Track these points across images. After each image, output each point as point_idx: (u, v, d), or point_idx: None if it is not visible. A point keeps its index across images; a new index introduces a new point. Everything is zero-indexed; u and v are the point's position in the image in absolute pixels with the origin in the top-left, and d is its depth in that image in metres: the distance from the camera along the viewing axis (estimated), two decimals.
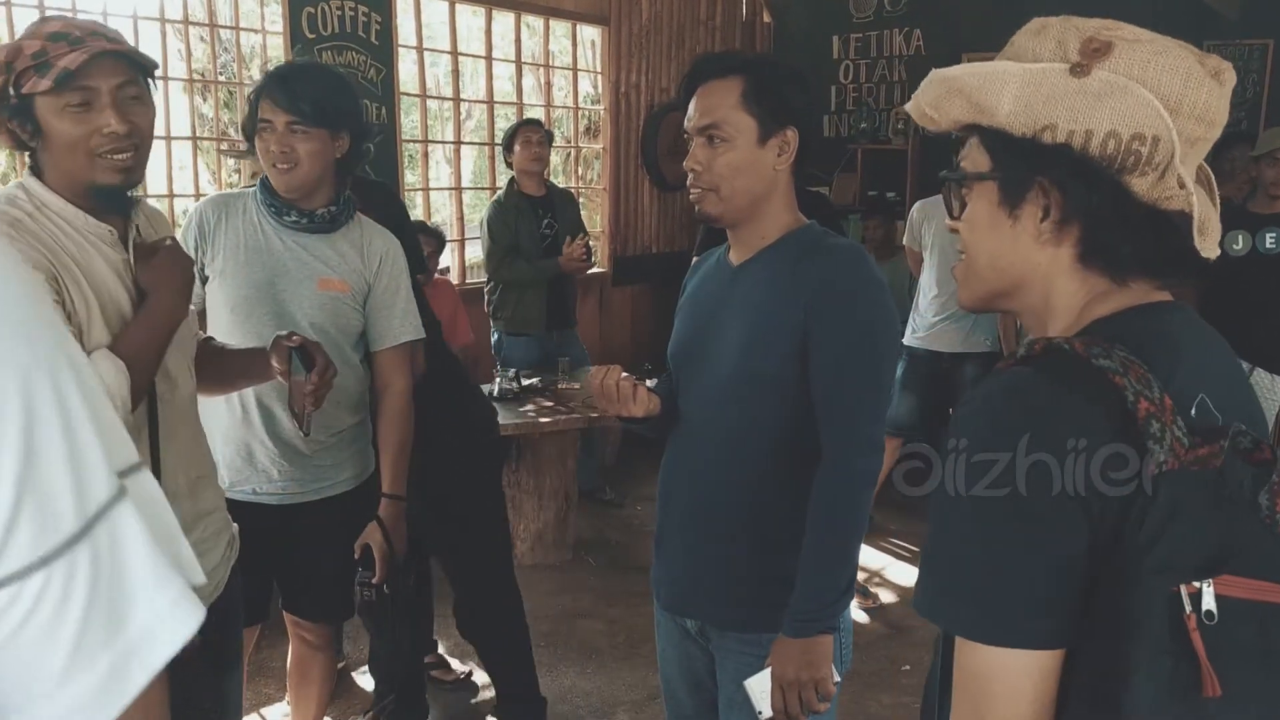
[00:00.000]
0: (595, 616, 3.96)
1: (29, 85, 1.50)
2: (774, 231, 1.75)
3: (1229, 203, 4.57)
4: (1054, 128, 0.93)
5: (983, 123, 0.97)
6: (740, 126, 1.69)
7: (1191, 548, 0.79)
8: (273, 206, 2.25)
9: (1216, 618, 0.76)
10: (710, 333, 1.79)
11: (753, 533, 1.74)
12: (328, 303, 2.27)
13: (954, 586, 0.89)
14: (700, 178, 1.72)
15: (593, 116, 6.44)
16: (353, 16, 4.59)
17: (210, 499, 1.85)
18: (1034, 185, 0.96)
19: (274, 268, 2.24)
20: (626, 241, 6.34)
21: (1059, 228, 0.96)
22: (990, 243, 1.01)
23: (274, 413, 2.26)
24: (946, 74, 1.00)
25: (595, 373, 1.74)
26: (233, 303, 2.23)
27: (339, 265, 2.29)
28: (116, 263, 1.63)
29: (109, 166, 1.56)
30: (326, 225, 2.28)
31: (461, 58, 5.41)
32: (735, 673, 1.77)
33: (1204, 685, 0.76)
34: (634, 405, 1.74)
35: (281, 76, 2.22)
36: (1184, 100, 0.92)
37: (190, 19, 4.21)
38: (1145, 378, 0.86)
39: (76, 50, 1.50)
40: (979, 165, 1.00)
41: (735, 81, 1.70)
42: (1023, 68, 0.96)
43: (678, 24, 6.45)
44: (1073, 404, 0.86)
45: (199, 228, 2.27)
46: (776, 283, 1.71)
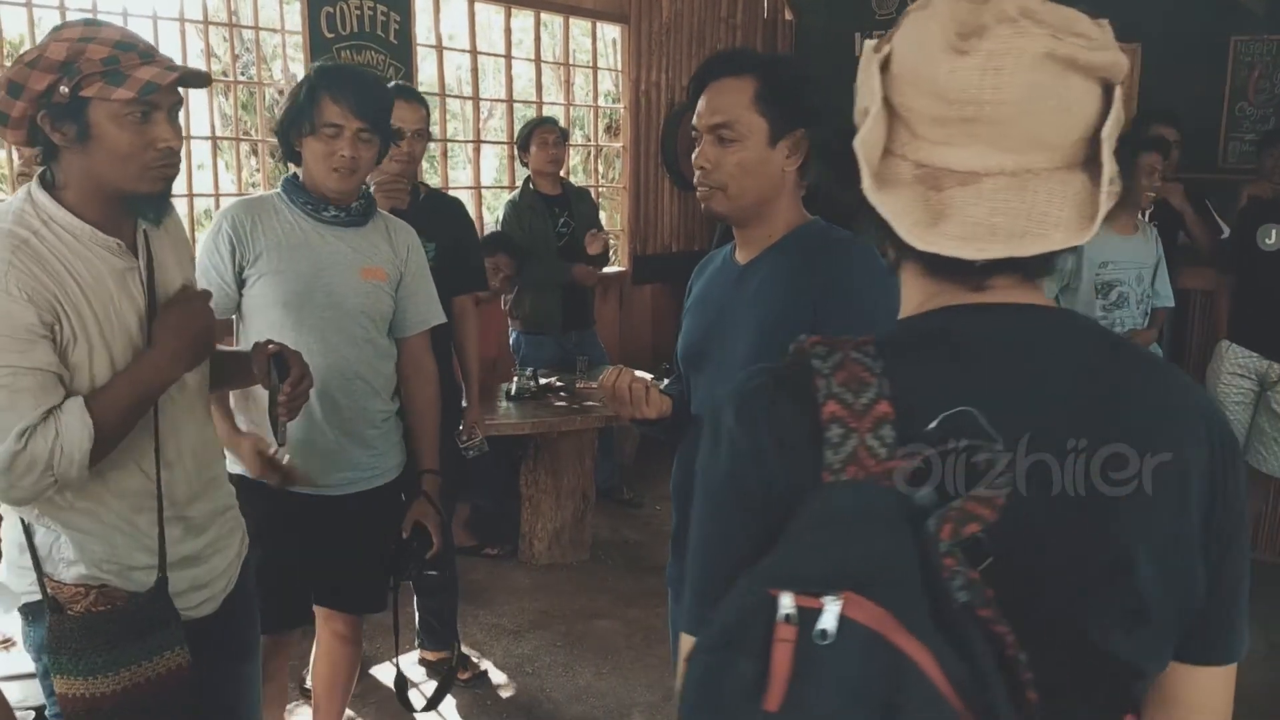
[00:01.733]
0: (612, 617, 3.95)
1: (94, 89, 1.54)
2: (779, 229, 1.75)
3: (1259, 199, 4.51)
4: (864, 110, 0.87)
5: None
6: (752, 126, 1.69)
7: (819, 560, 0.73)
8: (309, 204, 2.33)
9: (832, 637, 0.68)
10: (719, 332, 1.78)
11: None
12: (371, 291, 2.38)
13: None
14: (709, 175, 1.71)
15: (613, 115, 6.43)
16: (371, 16, 4.60)
17: (223, 497, 1.89)
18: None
19: (319, 261, 2.32)
20: (646, 240, 6.32)
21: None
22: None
23: (337, 403, 2.35)
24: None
25: (608, 375, 1.75)
26: (285, 298, 2.29)
27: (375, 255, 2.39)
28: (122, 272, 1.66)
29: (156, 177, 1.63)
30: (360, 219, 2.39)
31: (481, 56, 5.41)
32: None
33: (769, 696, 0.68)
34: (647, 408, 1.73)
35: (350, 81, 2.28)
36: (917, 74, 0.83)
37: (210, 19, 4.23)
38: (860, 381, 0.81)
39: (152, 66, 1.57)
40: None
41: (748, 81, 1.69)
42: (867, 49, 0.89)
43: (698, 22, 6.42)
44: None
45: (233, 233, 2.29)
46: (784, 280, 1.69)
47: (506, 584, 4.22)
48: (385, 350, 2.44)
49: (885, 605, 0.69)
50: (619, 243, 6.19)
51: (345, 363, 2.35)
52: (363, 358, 2.38)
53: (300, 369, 1.90)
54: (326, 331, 2.31)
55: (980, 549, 0.74)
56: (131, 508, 1.70)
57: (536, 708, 3.31)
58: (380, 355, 2.43)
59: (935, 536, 0.73)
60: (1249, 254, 3.96)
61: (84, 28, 1.60)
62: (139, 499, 1.71)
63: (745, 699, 0.69)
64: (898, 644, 0.67)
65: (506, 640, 3.74)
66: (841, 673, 0.67)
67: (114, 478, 1.68)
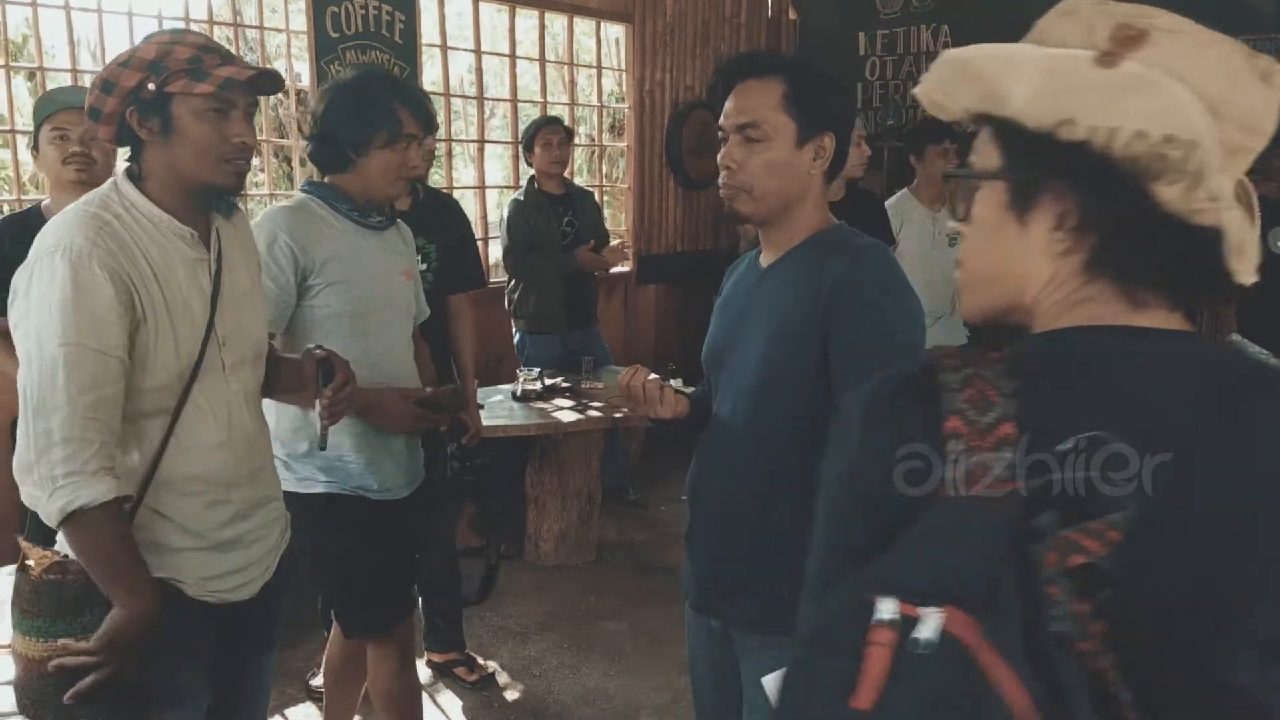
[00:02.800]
0: (619, 618, 3.94)
1: (179, 85, 1.66)
2: (801, 233, 1.74)
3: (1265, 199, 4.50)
4: (1072, 123, 0.81)
5: (995, 112, 0.86)
6: (779, 127, 1.68)
7: (925, 571, 0.72)
8: (355, 210, 2.34)
9: (929, 647, 0.67)
10: (738, 335, 1.78)
11: (778, 533, 1.72)
12: (410, 291, 2.46)
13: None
14: (734, 176, 1.70)
15: (617, 114, 6.42)
16: (376, 15, 4.59)
17: (266, 487, 1.95)
18: (1047, 188, 0.85)
19: (374, 268, 2.35)
20: (651, 240, 6.31)
21: (1075, 237, 0.84)
22: (995, 250, 0.89)
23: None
24: (959, 55, 0.88)
25: (624, 374, 1.75)
26: (351, 308, 2.30)
27: (406, 256, 2.47)
28: (193, 262, 1.77)
29: (230, 171, 1.74)
30: (391, 221, 2.45)
31: (485, 56, 5.40)
32: (756, 674, 1.74)
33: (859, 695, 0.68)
34: (661, 407, 1.73)
35: (415, 92, 2.37)
36: (1229, 102, 0.80)
37: (215, 19, 4.22)
38: (985, 399, 0.79)
39: (231, 66, 1.69)
40: (989, 162, 0.88)
41: (777, 82, 1.69)
42: (1044, 52, 0.84)
43: (702, 21, 6.41)
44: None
45: (293, 243, 2.25)
46: (799, 283, 1.69)
47: (512, 586, 4.20)
48: (413, 347, 2.54)
49: (982, 625, 0.68)
50: (621, 242, 6.18)
51: (404, 367, 2.41)
52: (409, 358, 2.46)
53: (345, 375, 1.94)
54: (387, 337, 2.36)
55: (1100, 578, 0.72)
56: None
57: (544, 710, 3.29)
58: (413, 353, 2.51)
59: (1039, 564, 0.72)
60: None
61: (173, 34, 1.74)
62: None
63: (835, 695, 0.69)
64: (986, 665, 0.67)
65: (513, 642, 3.72)
66: (932, 683, 0.67)
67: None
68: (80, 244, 1.62)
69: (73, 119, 2.62)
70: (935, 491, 0.78)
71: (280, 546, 2.00)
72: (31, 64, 3.98)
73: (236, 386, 1.83)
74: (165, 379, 1.71)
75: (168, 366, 1.71)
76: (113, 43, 3.95)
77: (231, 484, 1.83)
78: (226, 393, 1.81)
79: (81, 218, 1.68)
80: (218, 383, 1.80)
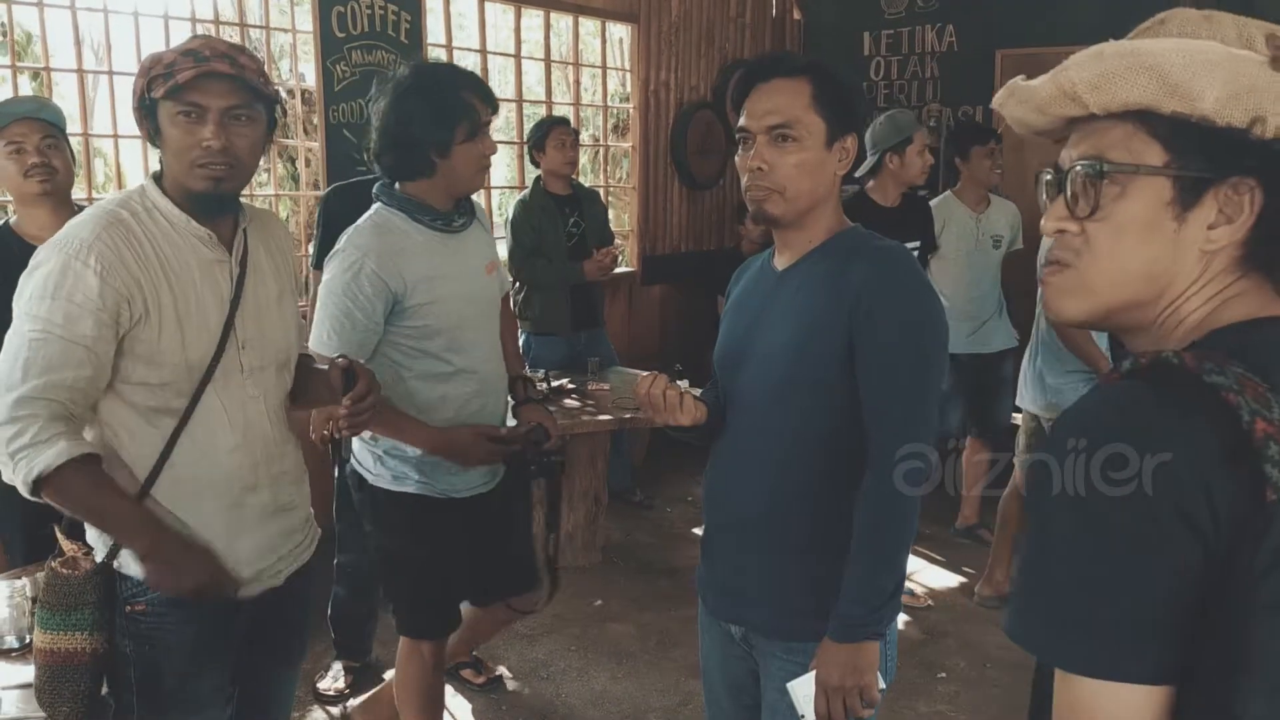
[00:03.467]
0: (626, 620, 3.93)
1: (159, 91, 1.69)
2: (820, 235, 1.72)
3: None
4: (1264, 121, 0.83)
5: (1171, 109, 0.85)
6: (811, 128, 1.66)
7: None
8: (439, 220, 2.31)
9: None
10: (756, 339, 1.76)
11: (801, 539, 1.71)
12: (493, 283, 2.46)
13: (1061, 610, 0.79)
14: (765, 177, 1.67)
15: (621, 114, 6.40)
16: (382, 15, 4.57)
17: (289, 496, 1.93)
18: (1218, 184, 0.85)
19: (460, 275, 2.33)
20: (655, 240, 6.29)
21: (1236, 232, 0.86)
22: (1144, 249, 0.88)
23: (502, 402, 2.43)
24: (1131, 47, 0.87)
25: (642, 381, 1.72)
26: (446, 324, 2.29)
27: (486, 248, 2.46)
28: (210, 263, 1.79)
29: (203, 175, 1.73)
30: (473, 215, 2.43)
31: (490, 56, 5.39)
32: (778, 680, 1.74)
33: None
34: (681, 414, 1.71)
35: (477, 78, 2.35)
36: None
37: (220, 19, 4.21)
38: (1264, 397, 0.77)
39: (196, 68, 1.68)
40: (1143, 157, 0.87)
41: (803, 82, 1.67)
42: (1225, 50, 0.85)
43: (707, 21, 6.40)
44: (1180, 423, 0.78)
45: (380, 273, 2.20)
46: (821, 287, 1.67)
47: None
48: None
49: None
50: (627, 243, 6.17)
51: (494, 367, 2.43)
52: (498, 354, 2.46)
53: (366, 385, 1.89)
54: (482, 341, 2.37)
55: None
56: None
57: (551, 713, 3.28)
58: (499, 345, 2.50)
59: None
60: None
61: (189, 40, 1.77)
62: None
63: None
64: None
65: (520, 645, 3.71)
66: None
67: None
68: (82, 237, 1.67)
69: (26, 130, 2.58)
70: (1259, 499, 0.74)
71: (298, 558, 1.98)
72: (37, 64, 3.97)
73: (255, 391, 1.83)
74: (172, 376, 1.73)
75: (175, 364, 1.72)
76: (119, 43, 3.94)
77: (247, 488, 1.83)
78: (244, 396, 1.82)
79: (96, 214, 1.73)
80: (235, 385, 1.80)
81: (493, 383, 2.42)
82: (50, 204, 2.65)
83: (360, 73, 4.44)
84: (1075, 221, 0.91)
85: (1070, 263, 0.92)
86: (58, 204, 2.66)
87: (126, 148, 4.18)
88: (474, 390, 2.36)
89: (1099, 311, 0.93)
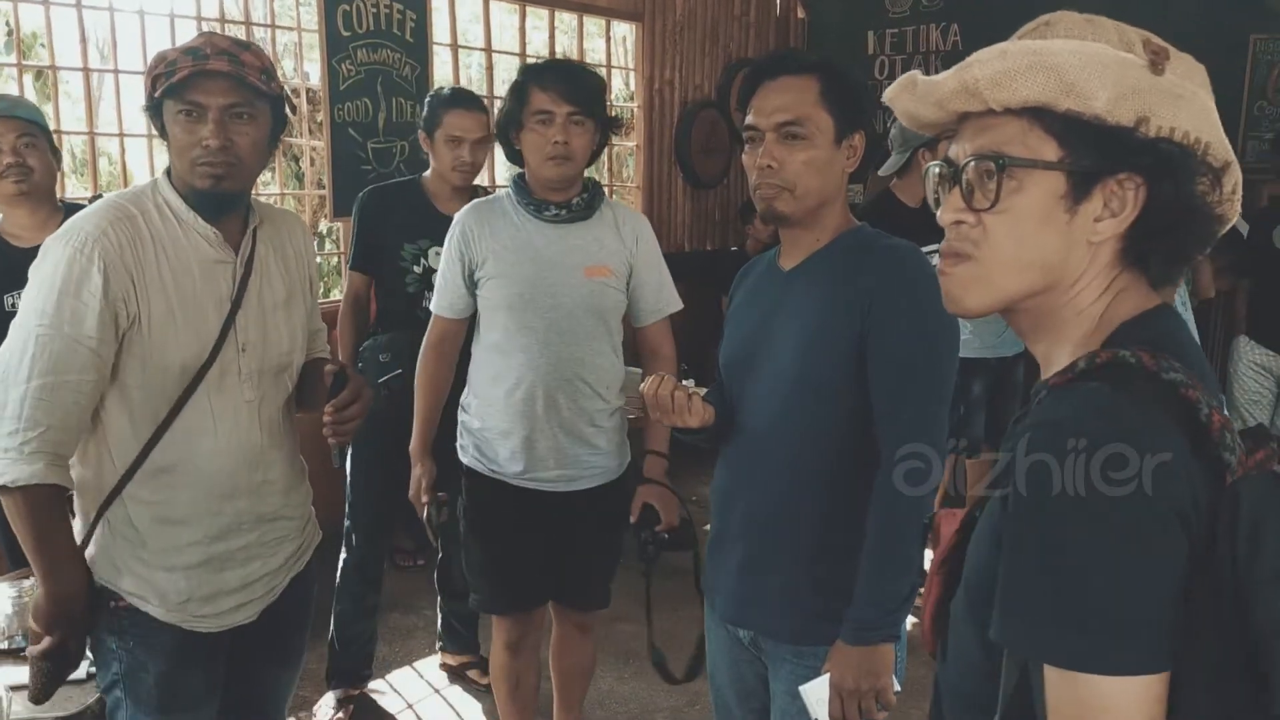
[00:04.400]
0: (632, 620, 3.90)
1: (159, 89, 1.70)
2: (828, 234, 1.72)
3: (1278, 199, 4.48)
4: (1148, 121, 0.89)
5: (1065, 107, 0.90)
6: (820, 125, 1.66)
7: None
8: (531, 205, 2.35)
9: None
10: (764, 340, 1.74)
11: (813, 542, 1.70)
12: (596, 289, 2.39)
13: (1068, 610, 0.80)
14: (775, 174, 1.66)
15: (626, 113, 6.39)
16: (388, 14, 4.57)
17: (275, 504, 1.88)
18: (1107, 178, 0.90)
19: (542, 263, 2.35)
20: (660, 239, 6.24)
21: (1119, 225, 0.92)
22: (1039, 239, 0.93)
23: (557, 402, 2.39)
24: (1033, 47, 0.91)
25: (649, 383, 1.71)
26: (509, 301, 2.35)
27: (600, 251, 2.39)
28: (213, 263, 1.77)
29: (204, 174, 1.72)
30: (584, 213, 2.40)
31: (496, 55, 5.38)
32: (789, 684, 1.73)
33: None
34: (689, 416, 1.70)
35: (555, 69, 2.34)
36: (1214, 109, 0.93)
37: (226, 17, 4.20)
38: (1204, 388, 0.84)
39: (194, 66, 1.67)
40: (1039, 152, 0.92)
41: (811, 80, 1.66)
42: (1116, 54, 0.90)
43: (711, 20, 6.39)
44: (1163, 421, 0.82)
45: (462, 238, 2.38)
46: (831, 287, 1.66)
47: None
48: (612, 349, 2.47)
49: None
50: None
51: (565, 364, 2.39)
52: (585, 358, 2.41)
53: (353, 393, 1.88)
54: (549, 333, 2.35)
55: None
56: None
57: None
58: (605, 354, 2.45)
59: None
60: (1266, 254, 3.95)
61: (194, 38, 1.75)
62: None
63: None
64: None
65: None
66: None
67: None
68: (89, 231, 1.66)
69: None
70: (1219, 484, 0.82)
71: (292, 568, 1.95)
72: (43, 63, 3.97)
73: (250, 395, 1.81)
74: (160, 378, 1.71)
75: (164, 366, 1.71)
76: (125, 41, 3.94)
77: (227, 495, 1.79)
78: (239, 400, 1.79)
79: (104, 207, 1.73)
80: (231, 388, 1.78)
81: (553, 389, 2.38)
82: (29, 204, 2.63)
83: (365, 71, 4.44)
84: (973, 213, 0.94)
85: (970, 254, 0.96)
86: (37, 204, 2.64)
87: (132, 146, 4.18)
88: (519, 380, 2.39)
89: (1000, 302, 0.97)
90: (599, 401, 2.44)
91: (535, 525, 2.47)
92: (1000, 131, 0.94)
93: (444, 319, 2.48)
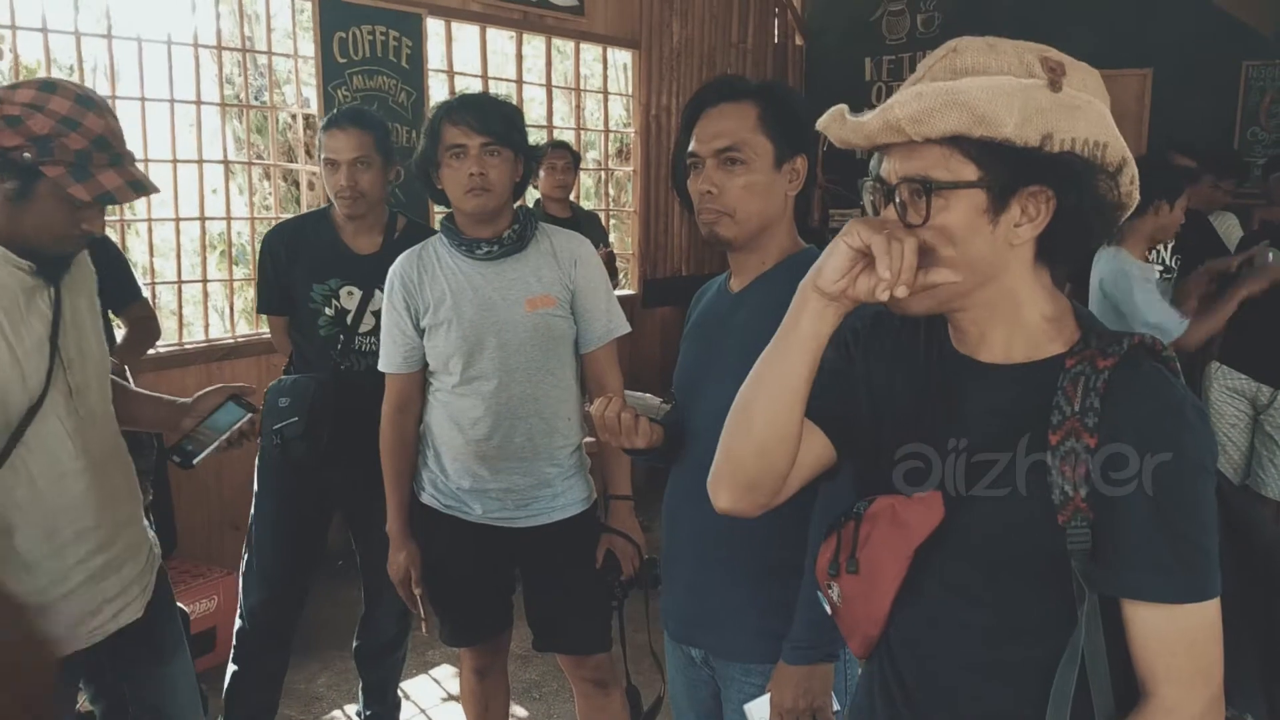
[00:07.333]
0: (616, 641, 3.90)
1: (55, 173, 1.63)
2: (773, 257, 1.73)
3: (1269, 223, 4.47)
4: (1051, 137, 1.02)
5: (981, 134, 1.02)
6: (758, 149, 1.67)
7: None
8: (463, 245, 2.30)
9: None
10: (711, 361, 1.76)
11: (755, 561, 1.71)
12: (541, 321, 2.33)
13: (1208, 559, 1.04)
14: (715, 200, 1.69)
15: (623, 139, 6.45)
16: (384, 41, 4.63)
17: (127, 505, 1.91)
18: (1022, 191, 1.04)
19: (482, 303, 2.30)
20: (656, 264, 6.33)
21: (1034, 229, 1.07)
22: (968, 247, 1.07)
23: (513, 440, 2.35)
24: (948, 87, 1.02)
25: (597, 405, 1.71)
26: (455, 346, 2.30)
27: (538, 282, 2.33)
28: (32, 289, 1.73)
29: (74, 242, 1.75)
30: (516, 245, 2.33)
31: (492, 82, 5.44)
32: (737, 701, 1.74)
33: None
34: (636, 437, 1.71)
35: (466, 104, 2.29)
36: (1108, 112, 1.07)
37: (224, 44, 4.27)
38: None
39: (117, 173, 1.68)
40: (960, 174, 1.05)
41: (750, 105, 1.68)
42: (1018, 82, 1.02)
43: (709, 47, 6.45)
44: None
45: (404, 289, 2.34)
46: (774, 310, 1.66)
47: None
48: (568, 378, 2.43)
49: None
50: (629, 266, 6.20)
51: (518, 402, 2.34)
52: (537, 394, 2.36)
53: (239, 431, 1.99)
54: (499, 373, 2.31)
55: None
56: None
57: None
58: (559, 387, 2.40)
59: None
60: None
61: (72, 106, 1.63)
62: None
63: None
64: None
65: (513, 666, 3.68)
66: None
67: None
68: None
69: None
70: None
71: (154, 563, 1.97)
72: None
73: (84, 410, 1.78)
74: (9, 412, 1.67)
75: (13, 396, 1.67)
76: (123, 68, 4.00)
77: (98, 507, 1.79)
78: (76, 418, 1.76)
79: None
80: (66, 406, 1.75)
81: (506, 428, 2.36)
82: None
83: (361, 98, 4.49)
84: (916, 229, 1.07)
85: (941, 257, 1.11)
86: None
87: None
88: (474, 420, 2.35)
89: (940, 300, 1.11)
90: (557, 438, 2.42)
91: (497, 561, 2.46)
92: (924, 158, 1.06)
93: (400, 376, 2.40)
